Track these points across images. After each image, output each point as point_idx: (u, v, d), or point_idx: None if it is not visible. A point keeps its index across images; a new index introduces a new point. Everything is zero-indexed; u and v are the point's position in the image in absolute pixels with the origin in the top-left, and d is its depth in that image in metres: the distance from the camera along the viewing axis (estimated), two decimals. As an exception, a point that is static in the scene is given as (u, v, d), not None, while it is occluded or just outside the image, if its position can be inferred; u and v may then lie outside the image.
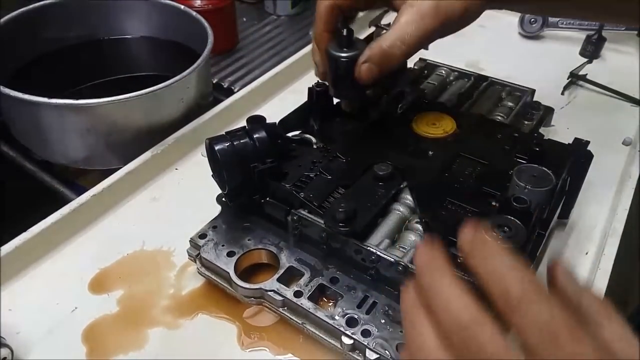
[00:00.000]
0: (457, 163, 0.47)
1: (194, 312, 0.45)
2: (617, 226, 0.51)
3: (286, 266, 0.44)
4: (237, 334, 0.44)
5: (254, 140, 0.43)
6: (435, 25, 0.42)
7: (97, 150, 0.59)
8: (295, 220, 0.44)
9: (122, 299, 0.46)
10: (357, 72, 0.45)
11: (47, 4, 0.68)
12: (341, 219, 0.40)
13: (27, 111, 0.56)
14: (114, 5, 0.72)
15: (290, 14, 0.98)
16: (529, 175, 0.40)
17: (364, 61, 0.44)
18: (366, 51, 0.44)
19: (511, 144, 0.48)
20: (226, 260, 0.44)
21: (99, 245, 0.51)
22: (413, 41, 0.43)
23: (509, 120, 0.55)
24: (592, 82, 0.75)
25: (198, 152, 0.62)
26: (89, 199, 0.52)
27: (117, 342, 0.43)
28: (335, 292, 0.42)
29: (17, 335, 0.43)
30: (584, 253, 0.51)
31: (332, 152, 0.48)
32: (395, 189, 0.45)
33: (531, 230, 0.37)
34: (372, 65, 0.44)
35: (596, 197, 0.56)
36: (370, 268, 0.41)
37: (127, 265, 0.49)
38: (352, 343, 0.39)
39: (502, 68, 0.74)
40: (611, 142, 0.64)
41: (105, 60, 0.74)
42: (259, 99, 0.71)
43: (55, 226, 0.50)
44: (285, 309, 0.42)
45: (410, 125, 0.51)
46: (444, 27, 0.43)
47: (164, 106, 0.59)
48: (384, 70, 0.44)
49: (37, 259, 0.49)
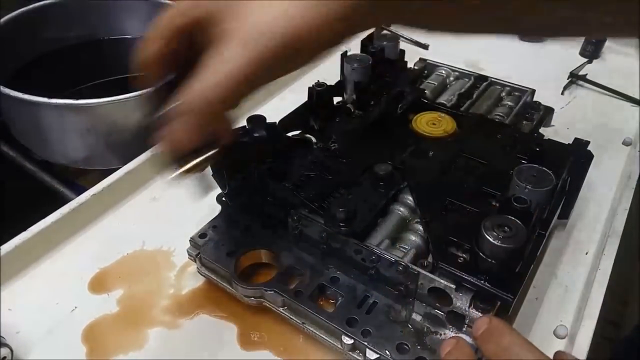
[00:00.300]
0: (457, 163, 0.47)
1: (194, 312, 0.45)
2: (617, 226, 0.51)
3: (286, 266, 0.44)
4: (237, 334, 0.44)
5: (254, 140, 0.43)
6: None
7: (97, 150, 0.59)
8: (295, 220, 0.44)
9: (122, 298, 0.46)
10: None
11: (47, 4, 0.68)
12: (341, 218, 0.40)
13: (27, 111, 0.56)
14: (114, 5, 0.73)
15: (290, 14, 0.98)
16: (529, 175, 0.40)
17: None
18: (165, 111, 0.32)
19: (511, 144, 0.48)
20: (226, 260, 0.44)
21: (99, 245, 0.51)
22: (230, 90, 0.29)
23: (509, 120, 0.55)
24: (592, 82, 0.75)
25: (198, 152, 0.62)
26: (89, 198, 0.52)
27: (117, 342, 0.43)
28: (335, 292, 0.42)
29: (17, 334, 0.43)
30: (584, 253, 0.51)
31: (332, 152, 0.48)
32: (396, 189, 0.45)
33: (531, 230, 0.37)
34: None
35: (596, 197, 0.56)
36: (370, 268, 0.41)
37: (127, 265, 0.49)
38: (352, 343, 0.39)
39: (502, 68, 0.73)
40: (611, 142, 0.64)
41: (105, 60, 0.75)
42: (259, 99, 0.71)
43: (55, 226, 0.50)
44: (286, 309, 0.42)
45: (410, 125, 0.51)
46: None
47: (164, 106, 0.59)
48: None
49: (37, 258, 0.49)
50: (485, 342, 0.31)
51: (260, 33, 0.27)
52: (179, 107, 0.30)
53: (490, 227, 0.35)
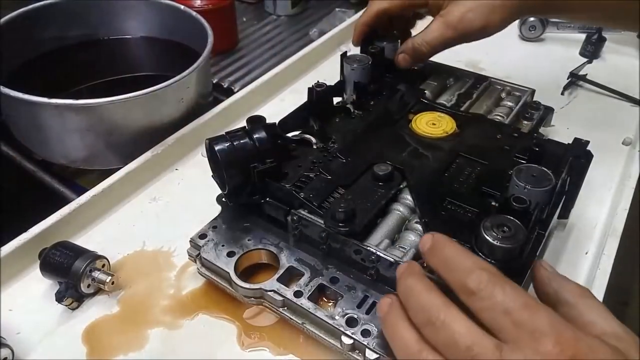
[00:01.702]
0: (457, 163, 0.47)
1: (194, 312, 0.45)
2: (617, 226, 0.51)
3: (286, 266, 0.44)
4: (237, 334, 0.44)
5: (253, 140, 0.43)
6: (455, 35, 0.53)
7: (97, 150, 0.59)
8: (295, 221, 0.44)
9: (122, 299, 0.46)
10: (395, 59, 0.57)
11: (47, 4, 0.68)
12: (341, 219, 0.40)
13: (27, 111, 0.56)
14: (114, 5, 0.72)
15: (290, 14, 0.98)
16: (528, 175, 0.40)
17: (400, 52, 0.57)
18: (402, 45, 0.57)
19: (511, 143, 0.48)
20: (226, 260, 0.44)
21: (99, 246, 0.51)
22: (435, 45, 0.54)
23: (509, 120, 0.55)
24: (592, 82, 0.75)
25: (198, 152, 0.62)
26: (89, 199, 0.52)
27: (117, 342, 0.43)
28: (335, 292, 0.42)
29: (17, 335, 0.43)
30: (584, 253, 0.51)
31: (332, 152, 0.48)
32: (395, 189, 0.45)
33: (531, 230, 0.37)
34: (405, 55, 0.56)
35: (596, 197, 0.56)
36: (370, 268, 0.41)
37: (128, 266, 0.49)
38: (352, 343, 0.39)
39: (502, 68, 0.74)
40: (611, 142, 0.64)
41: (105, 60, 0.74)
42: (259, 99, 0.71)
43: (55, 226, 0.50)
44: (285, 309, 0.42)
45: (410, 125, 0.52)
46: (462, 37, 0.53)
47: (164, 106, 0.59)
48: (415, 60, 0.57)
49: (38, 259, 0.49)
50: (430, 256, 0.33)
51: (457, 21, 0.52)
52: (404, 47, 0.56)
53: (490, 227, 0.35)
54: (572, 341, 0.27)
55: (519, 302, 0.28)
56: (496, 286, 0.29)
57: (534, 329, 0.27)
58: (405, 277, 0.33)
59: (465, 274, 0.30)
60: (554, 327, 0.27)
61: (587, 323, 0.31)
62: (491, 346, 0.28)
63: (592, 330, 0.30)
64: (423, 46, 0.54)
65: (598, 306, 0.32)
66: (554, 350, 0.26)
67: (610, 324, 0.30)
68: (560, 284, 0.34)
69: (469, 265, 0.31)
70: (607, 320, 0.31)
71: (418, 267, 0.34)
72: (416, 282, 0.32)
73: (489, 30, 0.52)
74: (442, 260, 0.32)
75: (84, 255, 0.45)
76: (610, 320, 0.31)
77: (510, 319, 0.28)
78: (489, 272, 0.30)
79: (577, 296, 0.32)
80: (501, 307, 0.28)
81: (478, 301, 0.29)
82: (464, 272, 0.30)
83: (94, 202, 0.53)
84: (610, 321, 0.31)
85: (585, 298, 0.32)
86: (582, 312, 0.31)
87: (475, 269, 0.30)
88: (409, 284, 0.33)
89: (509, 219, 0.35)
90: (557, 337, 0.27)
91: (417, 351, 0.30)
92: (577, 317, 0.31)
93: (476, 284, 0.29)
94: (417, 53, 0.55)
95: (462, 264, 0.31)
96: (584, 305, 0.32)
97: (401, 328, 0.32)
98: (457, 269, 0.31)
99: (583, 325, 0.30)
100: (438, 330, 0.30)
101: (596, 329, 0.30)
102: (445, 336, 0.29)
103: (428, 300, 0.31)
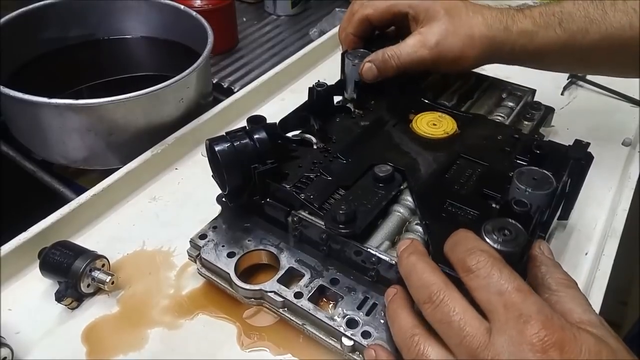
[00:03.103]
0: (458, 164, 0.47)
1: (194, 312, 0.45)
2: (616, 226, 0.51)
3: (286, 267, 0.44)
4: (237, 334, 0.44)
5: (254, 140, 0.43)
6: (429, 57, 0.51)
7: (97, 150, 0.59)
8: (296, 222, 0.44)
9: (122, 299, 0.46)
10: (360, 68, 0.53)
11: (47, 4, 0.68)
12: (341, 220, 0.40)
13: (27, 111, 0.56)
14: (114, 5, 0.72)
15: (290, 14, 0.98)
16: (529, 178, 0.40)
17: (368, 60, 0.53)
18: (373, 54, 0.53)
19: (511, 145, 0.48)
20: (226, 260, 0.44)
21: (99, 245, 0.51)
22: (406, 61, 0.52)
23: (510, 121, 0.55)
24: (592, 82, 0.75)
25: (198, 152, 0.62)
26: (89, 199, 0.52)
27: (117, 342, 0.43)
28: (335, 293, 0.42)
29: (17, 335, 0.43)
30: (584, 253, 0.51)
31: (333, 152, 0.48)
32: (396, 190, 0.45)
33: (531, 234, 0.37)
34: (373, 66, 0.53)
35: (596, 198, 0.56)
36: (370, 269, 0.41)
37: (127, 266, 0.49)
38: (352, 344, 0.39)
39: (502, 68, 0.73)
40: (611, 143, 0.64)
41: (105, 60, 0.74)
42: (259, 99, 0.71)
43: (55, 226, 0.50)
44: (286, 310, 0.42)
45: (410, 125, 0.51)
46: (435, 61, 0.51)
47: (164, 106, 0.59)
48: (382, 73, 0.53)
49: (37, 258, 0.49)
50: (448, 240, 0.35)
51: (435, 43, 0.51)
52: (373, 56, 0.53)
53: (491, 230, 0.35)
54: (558, 328, 0.28)
55: (513, 285, 0.30)
56: (494, 267, 0.31)
57: (522, 312, 0.29)
58: (407, 254, 0.35)
59: (467, 252, 0.32)
60: (541, 312, 0.29)
61: (566, 310, 0.32)
62: (482, 329, 0.30)
63: (570, 318, 0.31)
64: (393, 59, 0.52)
65: (579, 297, 0.33)
66: (539, 334, 0.28)
67: (587, 314, 0.32)
68: (549, 269, 0.35)
69: (473, 246, 0.32)
70: (585, 311, 0.32)
71: (421, 245, 0.36)
72: (418, 260, 0.34)
73: (461, 63, 0.52)
74: (454, 241, 0.34)
75: (84, 254, 0.45)
76: (589, 312, 0.32)
77: (502, 300, 0.29)
78: (490, 254, 0.32)
79: (560, 285, 0.34)
80: (495, 287, 0.30)
81: (474, 279, 0.31)
82: (467, 251, 0.32)
83: (93, 201, 0.53)
84: (588, 312, 0.32)
85: (568, 288, 0.34)
86: (562, 299, 0.33)
87: (477, 250, 0.32)
88: (412, 261, 0.34)
89: (510, 222, 0.35)
90: (544, 323, 0.28)
91: (411, 335, 0.33)
92: (555, 304, 0.32)
93: (475, 263, 0.31)
94: (386, 65, 0.52)
95: (467, 244, 0.33)
96: (566, 294, 0.33)
97: (401, 314, 0.34)
98: (461, 248, 0.33)
99: (562, 313, 0.31)
100: (436, 308, 0.31)
101: (574, 317, 0.31)
102: (442, 314, 0.31)
103: (430, 278, 0.33)
